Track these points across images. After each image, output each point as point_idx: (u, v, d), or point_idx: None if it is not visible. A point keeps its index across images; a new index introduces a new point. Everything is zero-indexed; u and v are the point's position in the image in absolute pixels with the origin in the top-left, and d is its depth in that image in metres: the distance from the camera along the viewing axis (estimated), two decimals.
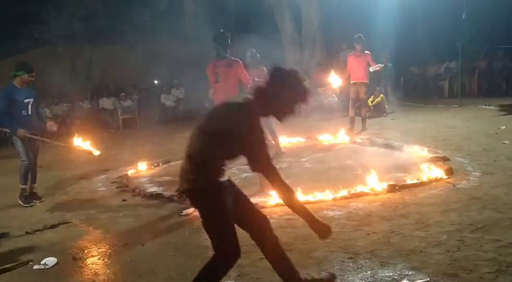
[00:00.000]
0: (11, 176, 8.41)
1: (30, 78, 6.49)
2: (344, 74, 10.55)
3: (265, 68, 8.27)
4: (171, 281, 3.72)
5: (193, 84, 17.05)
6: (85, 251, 4.47)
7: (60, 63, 16.70)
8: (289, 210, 5.06)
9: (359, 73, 10.10)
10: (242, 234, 3.09)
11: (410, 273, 3.38)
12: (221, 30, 6.52)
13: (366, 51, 10.11)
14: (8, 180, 8.29)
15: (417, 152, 7.30)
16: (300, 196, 5.46)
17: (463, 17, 11.98)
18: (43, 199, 6.77)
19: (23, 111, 6.45)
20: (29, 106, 6.52)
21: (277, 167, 2.95)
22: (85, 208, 6.07)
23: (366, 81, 10.19)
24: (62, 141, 7.61)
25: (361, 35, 10.13)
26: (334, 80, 10.74)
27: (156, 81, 19.03)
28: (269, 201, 5.36)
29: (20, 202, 6.49)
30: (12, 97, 6.39)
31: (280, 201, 5.24)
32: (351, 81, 10.24)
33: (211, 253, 4.09)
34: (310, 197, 5.38)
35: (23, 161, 6.51)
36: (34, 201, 6.65)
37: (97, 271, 4.02)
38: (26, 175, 6.56)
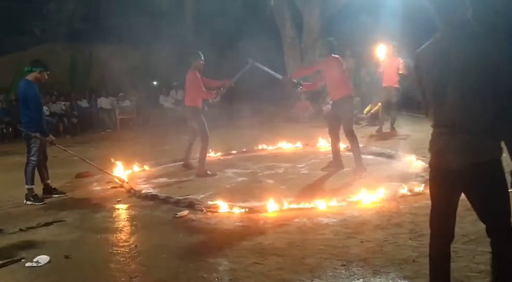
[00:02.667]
0: (7, 172, 8.42)
1: (47, 77, 6.40)
2: None
3: None
4: None
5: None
6: (78, 250, 4.45)
7: (60, 61, 16.70)
8: (284, 216, 5.11)
9: (390, 78, 10.55)
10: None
11: None
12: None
13: (398, 58, 10.49)
14: (3, 176, 8.28)
15: (413, 161, 7.32)
16: (295, 202, 5.48)
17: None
18: (66, 193, 6.74)
19: (43, 110, 6.37)
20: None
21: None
22: (79, 207, 6.06)
23: (396, 86, 10.60)
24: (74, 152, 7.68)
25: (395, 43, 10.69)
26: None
27: (155, 83, 19.04)
28: (264, 206, 5.36)
29: (30, 202, 6.27)
30: (39, 94, 6.30)
31: (275, 207, 5.28)
32: (383, 86, 10.76)
33: (204, 256, 4.12)
34: (306, 203, 5.38)
35: (32, 160, 6.34)
36: (58, 195, 6.60)
37: (89, 270, 4.01)
38: (33, 174, 6.36)
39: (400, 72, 10.46)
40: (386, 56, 10.67)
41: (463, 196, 2.74)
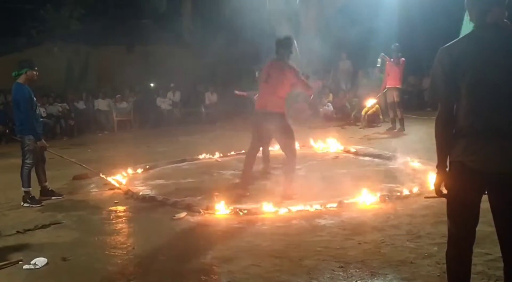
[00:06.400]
0: (4, 174, 8.39)
1: (36, 74, 6.34)
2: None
3: None
4: None
5: (189, 89, 17.12)
6: (76, 252, 4.45)
7: (57, 63, 16.67)
8: (281, 217, 5.11)
9: (394, 79, 10.96)
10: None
11: None
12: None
13: (402, 59, 10.90)
14: (0, 178, 8.26)
15: (410, 163, 7.33)
16: (293, 203, 5.48)
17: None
18: (63, 195, 6.73)
19: (36, 112, 6.34)
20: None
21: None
22: (77, 209, 6.05)
23: (399, 86, 11.02)
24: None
25: (397, 44, 11.02)
26: (369, 102, 12.30)
27: (152, 84, 19.04)
28: (262, 208, 5.36)
29: (27, 204, 6.24)
30: (31, 95, 6.23)
31: (272, 209, 5.28)
32: (387, 87, 11.17)
33: (202, 258, 4.12)
34: (303, 205, 5.38)
35: (27, 163, 6.31)
36: (55, 197, 6.59)
37: (86, 272, 4.01)
38: (29, 177, 6.33)
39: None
40: (390, 59, 10.92)
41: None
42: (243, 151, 9.52)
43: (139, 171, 8.26)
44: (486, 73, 2.48)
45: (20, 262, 4.23)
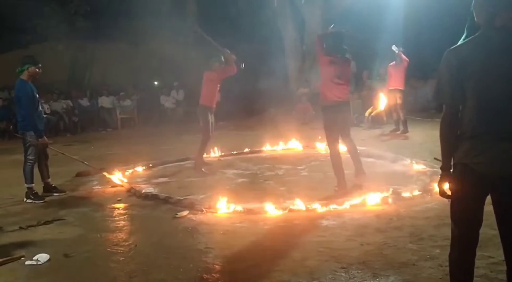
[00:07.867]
0: (7, 170, 8.42)
1: (38, 70, 6.34)
2: None
3: None
4: None
5: (193, 87, 17.09)
6: (78, 249, 4.46)
7: (61, 60, 16.70)
8: (284, 217, 5.11)
9: (397, 81, 10.96)
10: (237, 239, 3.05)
11: None
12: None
13: (405, 60, 10.85)
14: (3, 174, 8.28)
15: (413, 165, 7.32)
16: (295, 204, 5.48)
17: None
18: (66, 191, 6.76)
19: (39, 109, 6.36)
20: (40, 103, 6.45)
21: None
22: (79, 206, 6.06)
23: (402, 88, 11.00)
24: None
25: (401, 48, 11.00)
26: (382, 101, 12.17)
27: (156, 83, 19.05)
28: (264, 207, 5.36)
29: (30, 200, 6.26)
30: (33, 92, 6.24)
31: (275, 209, 5.28)
32: (389, 88, 11.18)
33: (204, 257, 4.12)
34: (305, 205, 5.38)
35: (30, 159, 6.32)
36: (58, 193, 6.62)
37: (88, 269, 4.01)
38: (32, 173, 6.35)
39: None
40: (394, 61, 10.91)
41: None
42: (246, 150, 9.56)
43: (142, 168, 8.28)
44: (492, 76, 2.47)
45: (22, 258, 4.24)
